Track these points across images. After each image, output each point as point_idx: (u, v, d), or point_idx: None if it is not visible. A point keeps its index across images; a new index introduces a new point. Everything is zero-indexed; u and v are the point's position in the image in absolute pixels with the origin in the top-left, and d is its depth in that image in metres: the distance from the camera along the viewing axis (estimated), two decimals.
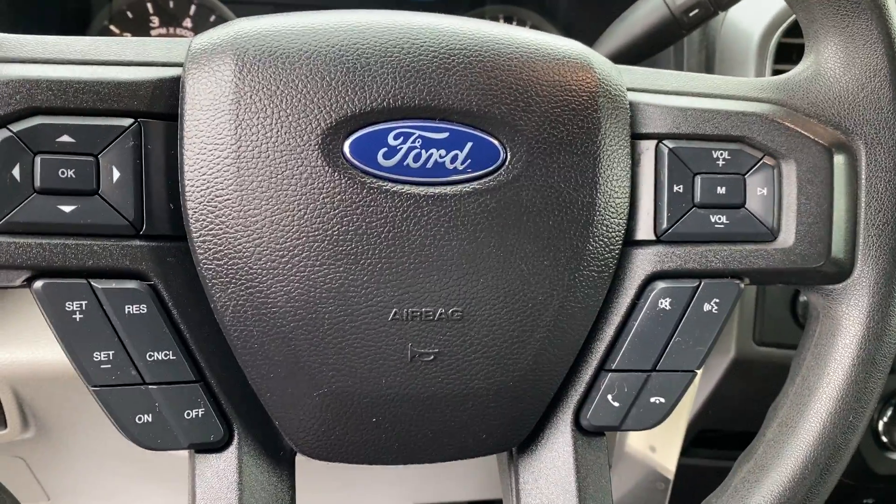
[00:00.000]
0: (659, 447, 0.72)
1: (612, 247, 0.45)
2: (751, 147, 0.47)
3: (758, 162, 0.46)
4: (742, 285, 0.47)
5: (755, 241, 0.47)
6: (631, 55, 0.68)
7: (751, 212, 0.46)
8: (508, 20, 0.98)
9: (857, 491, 0.97)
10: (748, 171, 0.46)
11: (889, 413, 0.89)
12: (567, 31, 0.99)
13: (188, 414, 0.42)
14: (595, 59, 0.45)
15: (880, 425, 0.90)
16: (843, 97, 0.48)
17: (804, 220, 0.47)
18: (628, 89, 0.46)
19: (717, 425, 0.89)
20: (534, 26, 0.98)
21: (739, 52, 0.79)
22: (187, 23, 1.00)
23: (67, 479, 0.92)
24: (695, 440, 0.90)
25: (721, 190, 0.46)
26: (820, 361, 0.49)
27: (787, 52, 0.81)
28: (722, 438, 0.93)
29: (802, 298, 0.82)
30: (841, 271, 0.48)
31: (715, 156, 0.46)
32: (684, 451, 0.87)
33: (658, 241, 0.46)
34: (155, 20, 1.00)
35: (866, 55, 0.47)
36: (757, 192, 0.46)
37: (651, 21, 0.65)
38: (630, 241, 0.46)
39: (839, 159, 0.47)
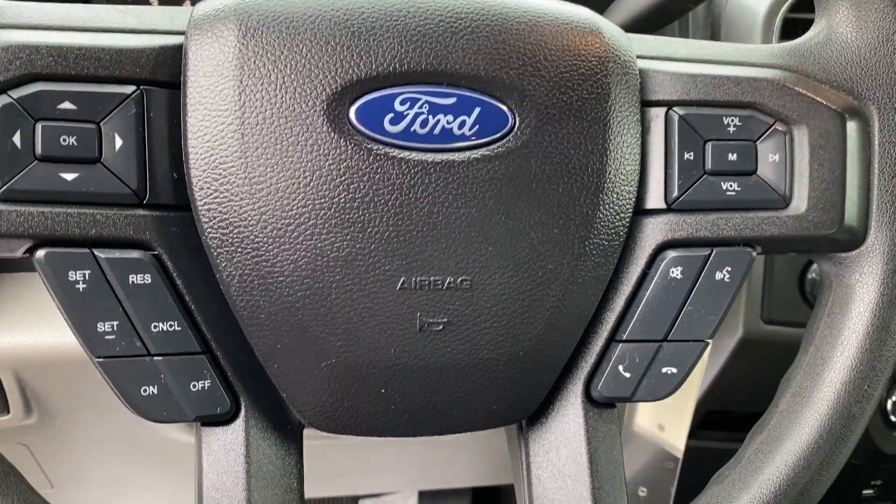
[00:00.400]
0: (668, 426, 0.71)
1: (622, 215, 0.44)
2: (762, 113, 0.46)
3: (769, 128, 0.46)
4: (754, 253, 0.46)
5: (767, 208, 0.46)
6: (636, 29, 0.67)
7: (763, 178, 0.46)
8: None
9: (865, 471, 0.97)
10: (759, 138, 0.46)
11: None
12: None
13: (194, 386, 0.41)
14: (604, 24, 0.45)
15: (889, 404, 0.89)
16: (855, 62, 0.47)
17: (817, 186, 0.46)
18: (637, 56, 0.46)
19: (724, 406, 0.88)
20: None
21: (745, 28, 0.78)
22: None
23: (70, 467, 0.92)
24: (702, 422, 0.90)
25: (732, 157, 0.45)
26: (833, 330, 0.48)
27: (794, 27, 0.80)
28: (730, 420, 0.92)
29: (811, 275, 0.82)
30: (854, 238, 0.47)
31: (726, 122, 0.45)
32: (692, 434, 0.87)
33: (669, 209, 0.46)
34: None
35: (879, 18, 0.47)
36: (769, 158, 0.46)
37: None
38: (640, 210, 0.46)
39: (851, 125, 0.47)
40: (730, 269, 0.46)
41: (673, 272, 0.45)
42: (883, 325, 0.47)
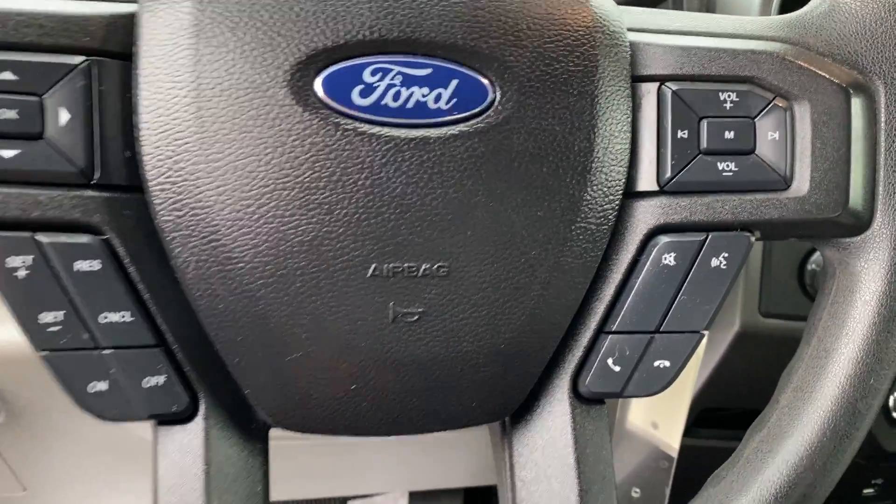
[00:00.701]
0: (662, 424, 0.68)
1: (611, 197, 0.41)
2: (761, 88, 0.43)
3: (769, 104, 0.43)
4: (753, 238, 0.43)
5: (767, 189, 0.43)
6: (628, 3, 0.64)
7: (762, 158, 0.43)
8: None
9: (867, 470, 0.94)
10: (758, 114, 0.43)
11: None
12: None
13: (147, 382, 0.38)
14: None
15: (892, 400, 0.86)
16: (861, 34, 0.44)
17: (819, 166, 0.43)
18: (628, 29, 0.43)
19: (721, 403, 0.85)
20: None
21: (741, 4, 0.75)
22: None
23: (43, 469, 0.89)
24: (698, 420, 0.87)
25: (729, 135, 0.42)
26: (837, 321, 0.45)
27: (791, 4, 0.77)
28: (727, 417, 0.89)
29: (811, 266, 0.79)
30: (859, 222, 0.44)
31: (722, 98, 0.42)
32: (687, 432, 0.84)
33: (661, 191, 0.43)
34: None
35: None
36: (768, 136, 0.43)
37: None
38: (631, 193, 0.43)
39: (856, 100, 0.44)
40: (727, 255, 0.43)
41: (666, 258, 0.42)
42: (890, 314, 0.44)
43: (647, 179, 0.43)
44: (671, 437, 0.67)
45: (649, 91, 0.43)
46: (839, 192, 0.43)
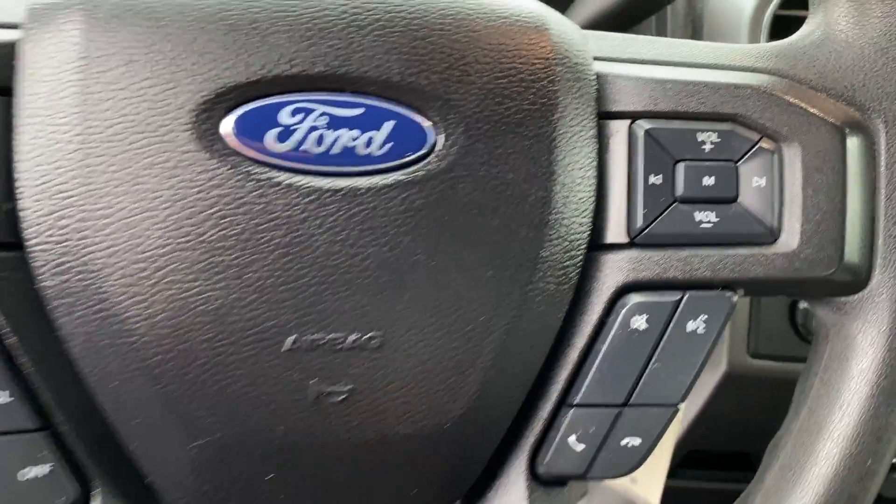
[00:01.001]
0: (641, 478, 0.63)
1: (573, 252, 0.36)
2: (745, 127, 0.38)
3: (754, 146, 0.38)
4: (735, 298, 0.38)
5: (751, 243, 0.38)
6: (606, 27, 0.59)
7: (745, 207, 0.38)
8: None
9: None
10: (742, 158, 0.38)
11: None
12: None
13: (25, 474, 0.32)
14: (553, 20, 0.36)
15: None
16: (858, 65, 0.39)
17: (811, 217, 0.38)
18: (595, 58, 0.38)
19: (707, 446, 0.81)
20: None
21: (730, 26, 0.70)
22: None
23: None
24: (682, 461, 0.82)
25: (708, 181, 0.37)
26: (830, 391, 0.40)
27: (785, 25, 0.72)
28: (712, 457, 0.84)
29: (803, 305, 0.74)
30: (856, 280, 0.39)
31: (701, 139, 0.37)
32: (672, 473, 0.79)
33: (632, 244, 0.37)
34: None
35: (886, 12, 0.39)
36: (753, 182, 0.38)
37: None
38: (597, 245, 0.37)
39: (853, 142, 0.38)
40: (705, 317, 0.38)
41: (636, 321, 0.37)
42: (890, 386, 0.39)
43: (615, 231, 0.38)
44: (651, 493, 0.62)
45: (618, 130, 0.38)
46: (833, 247, 0.38)
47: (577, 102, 0.36)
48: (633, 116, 0.38)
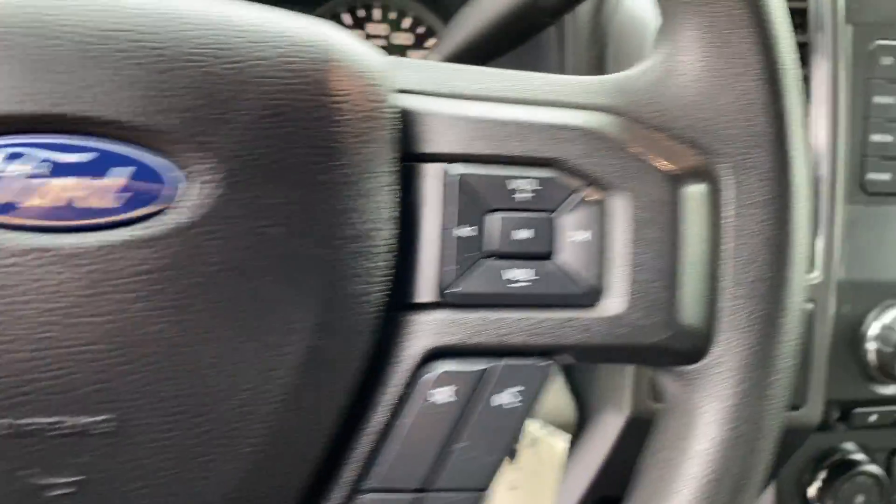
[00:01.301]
0: None
1: (364, 316, 0.31)
2: (567, 174, 0.33)
3: (571, 195, 0.33)
4: (549, 366, 0.33)
5: (567, 305, 0.33)
6: (481, 52, 0.54)
7: (560, 265, 0.33)
8: (384, 9, 0.84)
9: None
10: (559, 208, 0.33)
11: (822, 477, 0.76)
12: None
13: None
14: (340, 45, 0.32)
15: (812, 491, 0.77)
16: (702, 103, 0.35)
17: (640, 276, 0.33)
18: (401, 91, 0.33)
19: (617, 491, 0.76)
20: (416, 18, 0.84)
21: (635, 48, 0.66)
22: None
23: None
24: None
25: (523, 234, 0.33)
26: (668, 473, 0.35)
27: None
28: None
29: None
30: (695, 347, 0.34)
31: (512, 186, 0.33)
32: None
33: (442, 304, 0.33)
34: None
35: (733, 43, 0.34)
36: (570, 237, 0.33)
37: (501, 5, 0.52)
38: (403, 305, 0.33)
39: (694, 190, 0.34)
40: (518, 389, 0.33)
41: (441, 393, 0.33)
42: (723, 470, 0.34)
43: (425, 288, 0.33)
44: None
45: (431, 173, 0.33)
46: (663, 312, 0.33)
47: (372, 144, 0.31)
48: (448, 159, 0.33)
